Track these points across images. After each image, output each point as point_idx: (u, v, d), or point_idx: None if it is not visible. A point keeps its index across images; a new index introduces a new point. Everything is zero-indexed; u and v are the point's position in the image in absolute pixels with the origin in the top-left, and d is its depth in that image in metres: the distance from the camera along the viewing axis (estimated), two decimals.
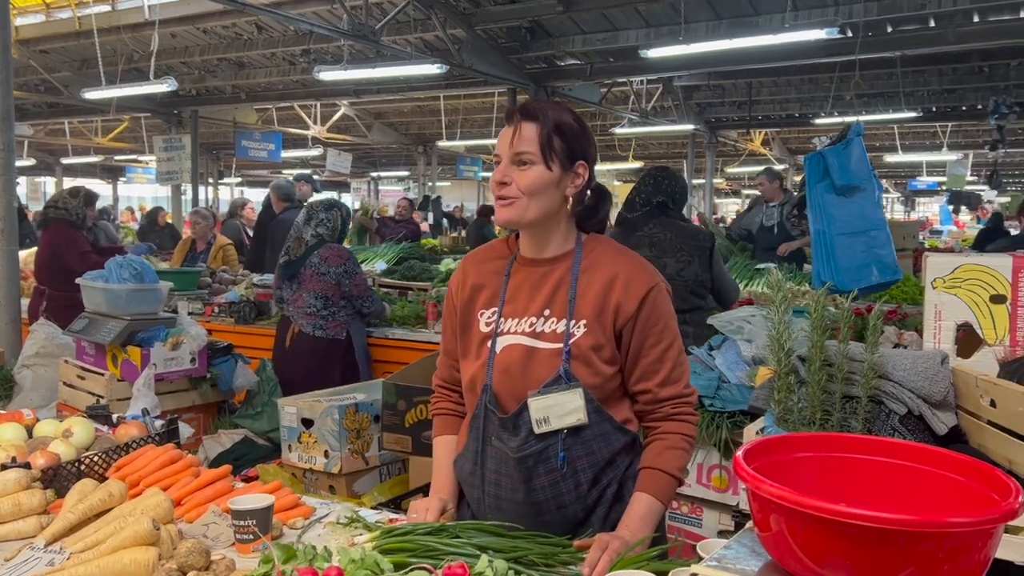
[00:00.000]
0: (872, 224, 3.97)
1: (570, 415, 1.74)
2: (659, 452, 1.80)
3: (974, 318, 2.30)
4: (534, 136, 1.74)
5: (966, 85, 12.45)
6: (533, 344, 1.79)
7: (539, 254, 1.84)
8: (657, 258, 3.92)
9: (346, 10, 8.22)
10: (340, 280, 4.63)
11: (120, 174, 28.09)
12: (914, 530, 1.12)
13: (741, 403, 2.81)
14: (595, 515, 1.83)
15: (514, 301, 1.84)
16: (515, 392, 1.79)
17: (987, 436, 2.01)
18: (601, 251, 1.84)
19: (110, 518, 1.79)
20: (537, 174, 1.74)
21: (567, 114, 1.80)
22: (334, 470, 3.58)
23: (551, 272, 1.83)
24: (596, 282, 1.79)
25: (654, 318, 1.79)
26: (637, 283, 1.79)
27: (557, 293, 1.81)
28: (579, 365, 1.76)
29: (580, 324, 1.77)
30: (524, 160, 1.74)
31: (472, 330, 1.89)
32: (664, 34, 9.35)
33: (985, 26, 8.44)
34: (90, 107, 13.78)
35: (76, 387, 3.97)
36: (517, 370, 1.79)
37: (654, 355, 1.79)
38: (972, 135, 18.27)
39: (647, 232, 3.99)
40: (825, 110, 14.13)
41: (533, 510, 1.80)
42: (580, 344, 1.76)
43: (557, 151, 1.76)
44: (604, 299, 1.78)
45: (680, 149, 21.36)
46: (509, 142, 1.75)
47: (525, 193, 1.74)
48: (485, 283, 1.90)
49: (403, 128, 19.97)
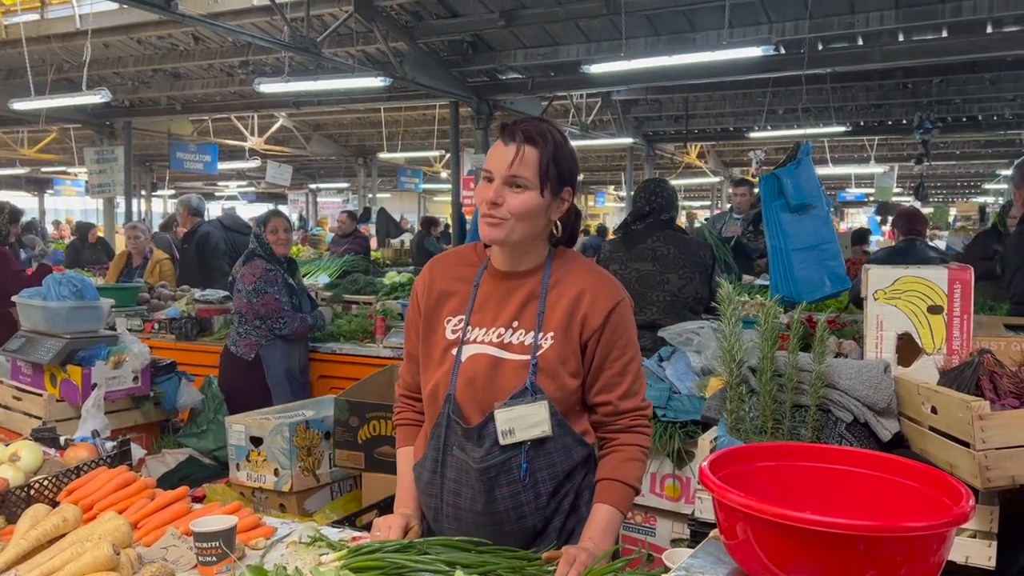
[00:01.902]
0: (823, 239, 4.14)
1: (535, 427, 1.76)
2: (618, 464, 1.83)
3: (913, 328, 2.40)
4: (534, 162, 1.75)
5: (892, 101, 12.93)
6: (500, 355, 1.81)
7: (512, 268, 1.86)
8: (660, 273, 3.93)
9: (287, 22, 8.14)
10: (250, 298, 4.57)
11: (47, 186, 27.18)
12: (874, 535, 1.18)
13: (692, 413, 2.87)
14: (552, 525, 1.85)
15: (483, 311, 1.85)
16: (479, 402, 1.80)
17: (929, 441, 2.10)
18: (569, 267, 1.87)
19: (66, 544, 1.74)
20: (529, 199, 1.75)
21: (561, 137, 1.82)
22: (285, 488, 3.54)
23: (522, 285, 1.85)
24: (565, 296, 1.82)
25: (619, 332, 1.82)
26: (604, 298, 1.82)
27: (527, 306, 1.83)
28: (545, 378, 1.78)
29: (548, 336, 1.80)
30: (519, 184, 1.75)
31: (436, 335, 1.88)
32: (604, 49, 9.50)
33: (910, 45, 8.79)
34: (16, 117, 13.31)
35: (12, 408, 3.84)
36: (482, 380, 1.80)
37: (616, 368, 1.83)
38: (897, 148, 18.98)
39: (651, 245, 3.99)
40: (759, 124, 14.52)
41: (493, 520, 1.81)
42: (547, 356, 1.79)
43: (551, 178, 1.77)
44: (572, 312, 1.80)
45: (619, 162, 21.67)
46: (508, 163, 1.74)
47: (514, 216, 1.75)
48: (453, 290, 1.90)
49: (343, 140, 19.81)
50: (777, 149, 18.96)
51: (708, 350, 3.00)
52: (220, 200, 32.68)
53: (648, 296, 3.91)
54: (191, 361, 5.12)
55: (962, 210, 20.95)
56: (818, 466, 1.46)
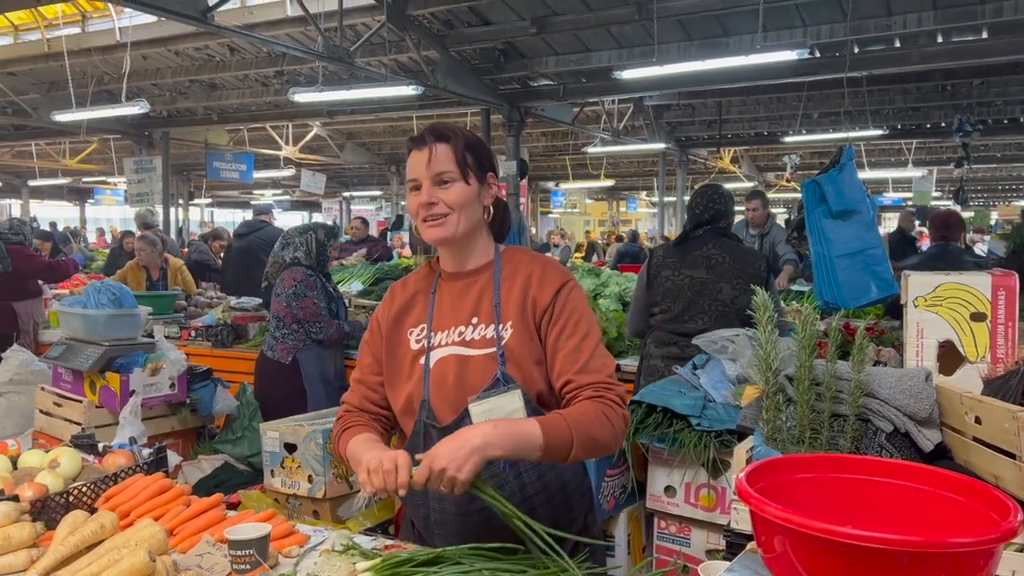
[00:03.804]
0: (868, 243, 4.07)
1: (511, 416, 1.73)
2: (574, 408, 1.74)
3: (955, 336, 2.35)
4: (450, 156, 1.82)
5: (931, 103, 12.74)
6: (465, 352, 1.82)
7: (461, 267, 1.91)
8: (713, 282, 3.84)
9: (320, 32, 8.23)
10: (289, 302, 4.61)
11: (88, 196, 27.76)
12: (918, 551, 1.14)
13: (728, 422, 2.83)
14: (539, 513, 1.79)
15: (441, 315, 1.89)
16: (452, 403, 1.80)
17: (973, 452, 2.05)
18: (518, 259, 1.92)
19: (103, 550, 1.76)
20: (460, 189, 1.82)
21: (467, 131, 1.90)
22: (318, 495, 3.55)
23: (474, 282, 1.89)
24: (516, 284, 1.86)
25: (568, 310, 1.83)
26: (551, 279, 1.86)
27: (482, 300, 1.86)
28: (512, 367, 1.79)
29: (507, 326, 1.82)
30: (445, 179, 1.81)
31: (401, 349, 1.90)
32: (636, 55, 9.48)
33: (949, 46, 8.65)
34: (58, 129, 13.63)
35: (53, 415, 3.91)
36: (452, 380, 1.81)
37: (570, 346, 1.80)
38: (936, 151, 18.67)
39: (706, 252, 3.90)
40: (794, 128, 14.37)
41: (480, 518, 1.80)
42: (511, 346, 1.80)
43: (472, 166, 1.84)
44: (524, 297, 1.84)
45: (651, 168, 21.59)
46: (426, 164, 1.81)
47: (454, 208, 1.81)
48: (412, 303, 1.94)
49: (375, 148, 19.97)
50: (812, 153, 18.76)
51: (743, 358, 2.96)
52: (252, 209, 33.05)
53: (700, 304, 3.83)
54: (227, 368, 5.18)
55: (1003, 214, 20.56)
56: (858, 478, 1.43)
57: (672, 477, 2.99)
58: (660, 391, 3.08)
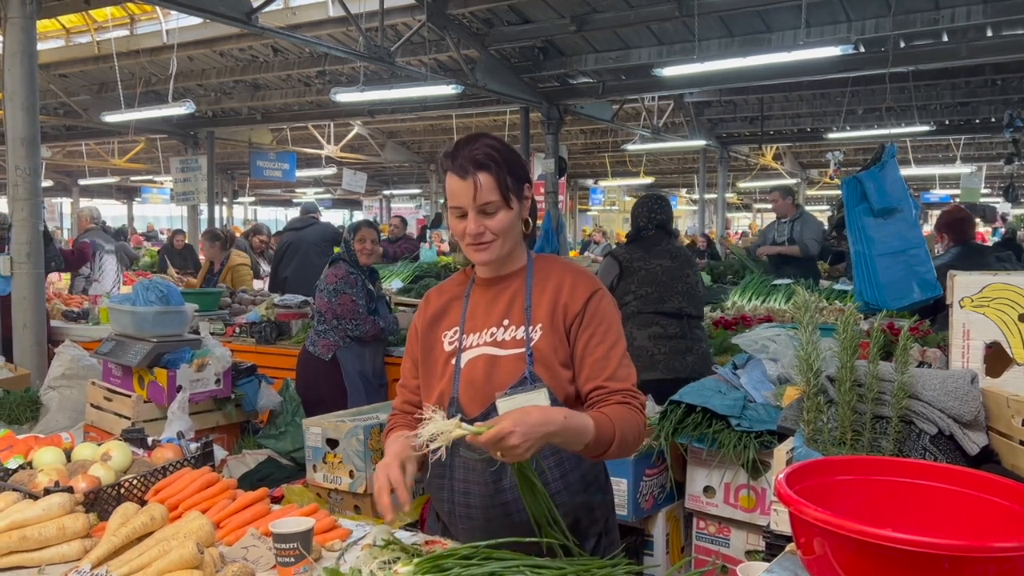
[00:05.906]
0: (910, 243, 4.00)
1: None
2: (613, 410, 1.79)
3: (1003, 337, 2.30)
4: (493, 185, 1.84)
5: (979, 98, 12.45)
6: (495, 352, 1.89)
7: (496, 273, 1.97)
8: (679, 268, 4.38)
9: (361, 32, 8.30)
10: (330, 298, 4.75)
11: (135, 194, 28.35)
12: (961, 555, 1.13)
13: (768, 423, 2.81)
14: (562, 507, 1.83)
15: (474, 318, 1.96)
16: (480, 399, 1.86)
17: (1020, 457, 2.01)
18: (551, 266, 1.98)
19: (152, 541, 1.82)
20: (504, 216, 1.86)
21: (502, 147, 1.90)
22: (359, 490, 3.60)
23: (507, 287, 1.96)
24: (548, 289, 1.92)
25: (599, 317, 1.89)
26: (582, 286, 1.92)
27: (514, 303, 1.93)
28: (540, 368, 1.84)
29: (537, 328, 1.88)
30: (490, 210, 1.85)
31: (436, 351, 1.97)
32: (676, 52, 9.41)
33: (998, 40, 8.45)
34: (107, 129, 13.94)
35: (103, 409, 4.01)
36: (481, 379, 1.87)
37: (600, 352, 1.86)
38: (985, 148, 18.24)
39: (665, 247, 4.44)
40: (837, 125, 14.15)
41: (503, 511, 1.86)
42: (540, 347, 1.86)
43: (512, 189, 1.87)
44: (555, 302, 1.90)
45: (691, 164, 21.40)
46: (472, 197, 1.83)
47: (498, 235, 1.87)
48: (447, 308, 2.02)
49: (415, 147, 20.08)
50: (856, 150, 18.44)
51: (784, 358, 2.94)
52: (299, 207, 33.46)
53: (674, 287, 4.34)
54: (270, 364, 5.26)
55: None
56: (900, 480, 1.42)
57: (711, 477, 2.98)
58: (700, 391, 3.07)
